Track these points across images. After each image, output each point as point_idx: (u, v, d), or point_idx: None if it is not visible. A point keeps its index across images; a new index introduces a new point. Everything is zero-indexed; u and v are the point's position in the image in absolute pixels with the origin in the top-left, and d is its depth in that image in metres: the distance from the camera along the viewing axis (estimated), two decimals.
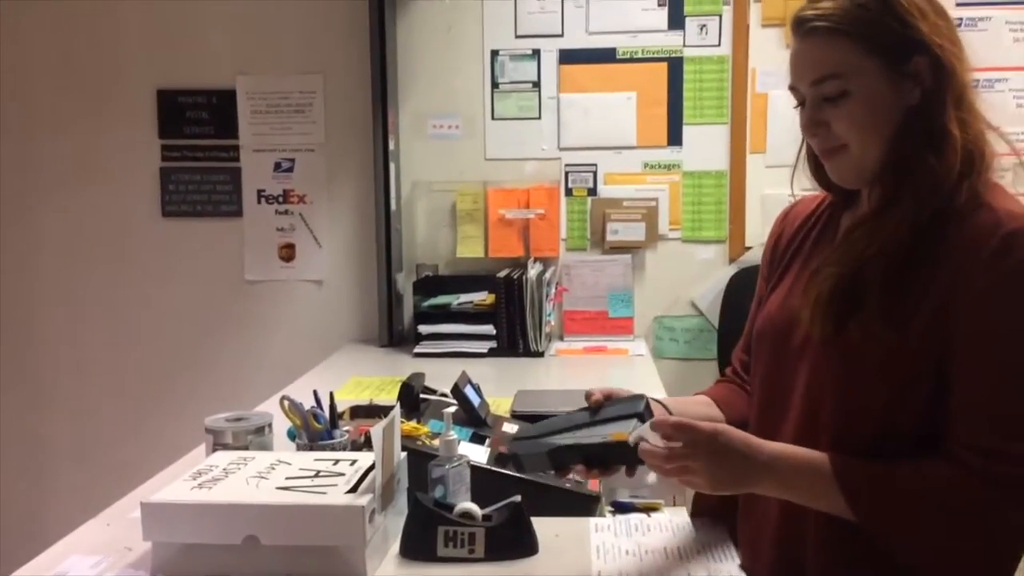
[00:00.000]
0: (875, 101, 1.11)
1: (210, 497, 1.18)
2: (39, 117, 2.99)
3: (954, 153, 1.08)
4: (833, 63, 1.11)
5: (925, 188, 1.08)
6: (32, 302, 3.05)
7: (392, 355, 2.78)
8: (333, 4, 2.90)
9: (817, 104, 1.15)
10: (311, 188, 2.97)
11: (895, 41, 1.10)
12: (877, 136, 1.12)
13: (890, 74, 1.10)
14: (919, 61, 1.10)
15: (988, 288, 1.04)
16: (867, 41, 1.10)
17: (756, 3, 2.83)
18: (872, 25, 1.10)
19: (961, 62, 1.11)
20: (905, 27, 1.09)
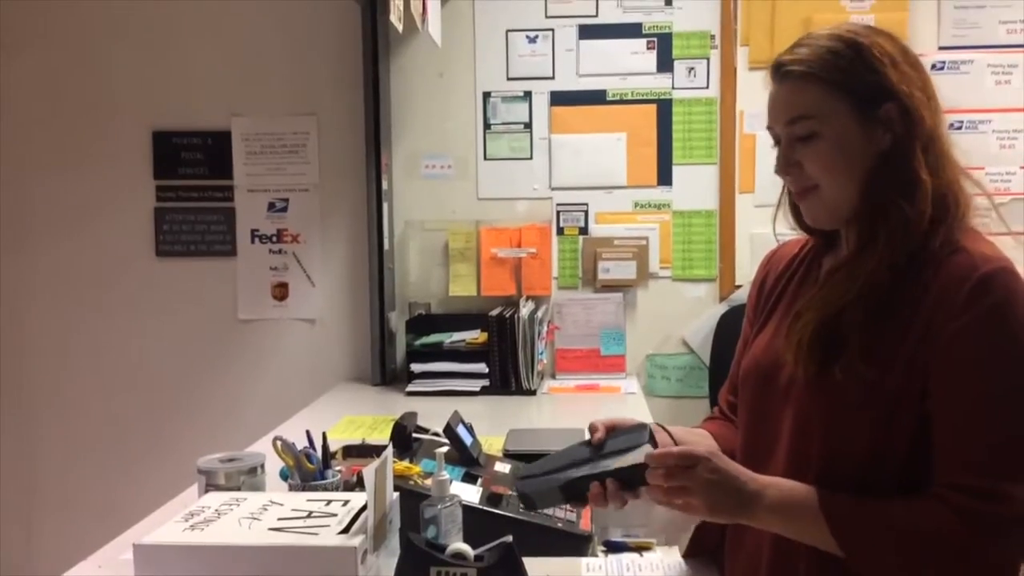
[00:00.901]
0: (844, 143, 1.15)
1: (203, 539, 1.18)
2: (35, 157, 3.01)
3: (925, 198, 1.11)
4: (805, 105, 1.16)
5: (899, 232, 1.12)
6: (25, 341, 3.05)
7: (385, 394, 2.79)
8: (327, 47, 2.95)
9: (791, 144, 1.19)
10: (305, 228, 3.00)
11: (866, 88, 1.14)
12: (847, 177, 1.16)
13: (860, 119, 1.14)
14: (889, 108, 1.14)
15: (963, 329, 1.07)
16: (838, 86, 1.14)
17: (743, 47, 2.89)
18: (844, 71, 1.14)
19: (932, 111, 1.15)
20: (876, 75, 1.13)
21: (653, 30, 2.91)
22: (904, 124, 1.14)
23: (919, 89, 1.14)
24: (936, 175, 1.13)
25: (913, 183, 1.12)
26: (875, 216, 1.14)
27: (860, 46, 1.14)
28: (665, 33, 2.91)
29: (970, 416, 1.07)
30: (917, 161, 1.12)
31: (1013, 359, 1.06)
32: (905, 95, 1.13)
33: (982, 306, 1.06)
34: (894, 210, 1.12)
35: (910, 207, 1.11)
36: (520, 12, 2.92)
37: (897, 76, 1.13)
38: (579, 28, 2.92)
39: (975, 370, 1.07)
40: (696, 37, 2.90)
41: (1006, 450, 1.05)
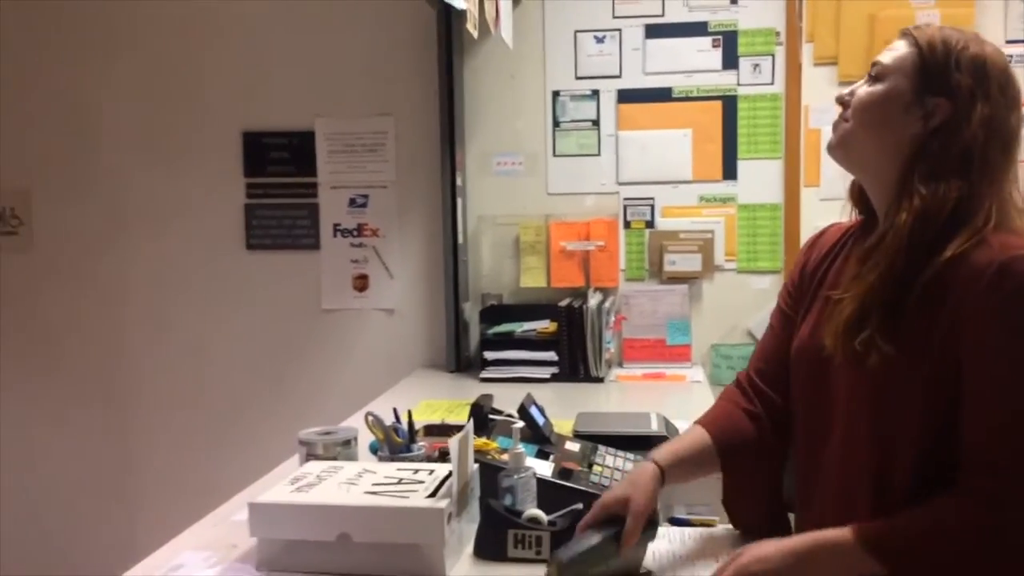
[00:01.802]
0: (889, 100, 1.27)
1: (308, 499, 1.33)
2: (134, 157, 3.23)
3: (941, 201, 1.20)
4: (893, 58, 1.29)
5: (918, 218, 1.21)
6: (124, 330, 3.28)
7: (460, 380, 2.92)
8: (404, 50, 3.10)
9: (867, 79, 1.32)
10: (383, 222, 3.16)
11: (938, 77, 1.24)
12: (871, 128, 1.28)
13: (915, 93, 1.26)
14: (941, 103, 1.24)
15: (986, 317, 1.14)
16: (923, 63, 1.26)
17: (808, 44, 2.94)
18: (936, 55, 1.26)
19: (989, 134, 1.22)
20: (952, 73, 1.23)
21: (718, 28, 2.98)
22: (946, 123, 1.23)
23: (986, 109, 1.22)
24: (971, 180, 1.21)
25: (940, 175, 1.21)
26: (901, 200, 1.23)
27: (965, 52, 1.24)
28: (730, 31, 2.98)
29: (993, 405, 1.13)
30: (950, 159, 1.21)
31: None
32: (963, 104, 1.22)
33: (1003, 292, 1.13)
34: (916, 194, 1.21)
35: (931, 197, 1.20)
36: (588, 13, 3.03)
37: (970, 88, 1.22)
38: (645, 28, 3.01)
39: (999, 357, 1.13)
40: (761, 34, 2.97)
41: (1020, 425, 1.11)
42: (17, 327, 3.29)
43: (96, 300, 3.27)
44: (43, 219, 3.27)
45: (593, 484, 1.59)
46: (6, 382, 3.30)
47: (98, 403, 3.28)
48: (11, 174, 3.25)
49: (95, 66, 3.21)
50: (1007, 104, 1.24)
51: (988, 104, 1.22)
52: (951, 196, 1.20)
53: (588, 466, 1.69)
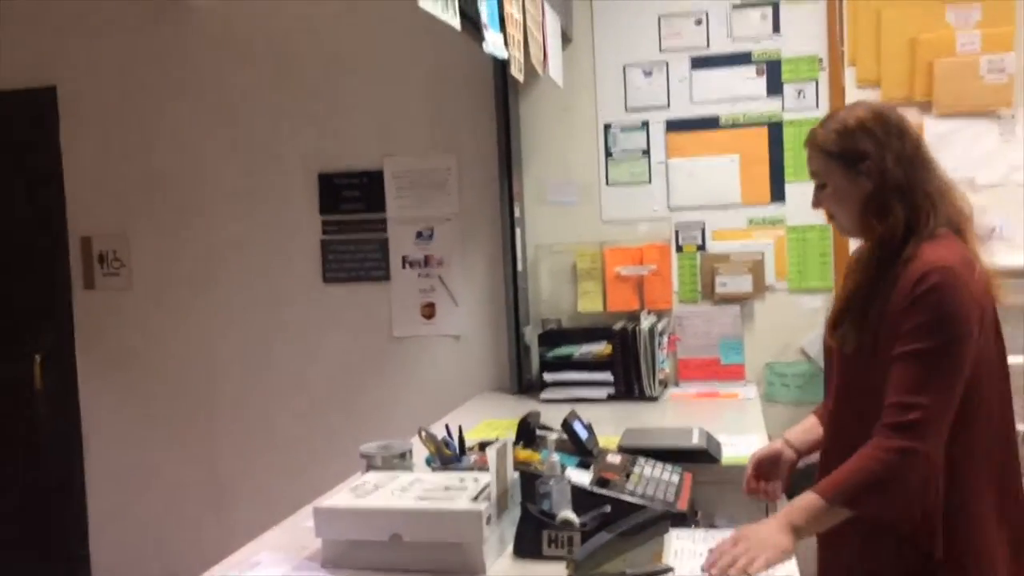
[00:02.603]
0: (841, 191, 1.69)
1: (365, 503, 1.51)
2: (223, 202, 3.51)
3: (896, 222, 1.62)
4: (815, 167, 1.74)
5: (878, 242, 1.65)
6: (214, 359, 3.55)
7: (521, 401, 3.06)
8: (463, 91, 3.30)
9: (815, 189, 1.76)
10: (448, 253, 3.35)
11: (851, 154, 1.65)
12: (848, 210, 1.70)
13: (848, 174, 1.67)
14: (868, 165, 1.64)
15: (905, 308, 1.55)
16: (833, 156, 1.68)
17: (850, 68, 3.02)
18: (838, 146, 1.67)
19: (905, 166, 1.62)
20: (858, 145, 1.65)
21: (762, 57, 3.10)
22: (879, 176, 1.63)
23: (890, 152, 1.63)
24: (909, 206, 1.63)
25: (886, 212, 1.64)
26: (865, 232, 1.69)
27: (849, 129, 1.65)
28: (774, 59, 3.09)
29: (899, 366, 1.53)
30: (889, 199, 1.63)
31: (934, 328, 1.51)
32: (877, 157, 1.63)
33: (919, 292, 1.53)
34: (875, 230, 1.65)
35: (883, 227, 1.63)
36: (636, 48, 3.18)
37: (873, 145, 1.64)
38: (691, 59, 3.14)
39: (909, 337, 1.53)
40: (804, 61, 3.07)
41: (915, 381, 1.50)
42: (120, 359, 3.60)
43: (189, 333, 3.55)
44: (141, 260, 3.58)
45: (628, 492, 1.72)
46: (112, 407, 3.61)
47: (192, 425, 3.56)
48: (112, 220, 3.58)
49: (185, 120, 3.51)
50: (898, 136, 1.65)
51: (889, 148, 1.63)
52: (900, 219, 1.61)
53: (626, 476, 1.82)
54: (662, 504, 1.70)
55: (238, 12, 3.43)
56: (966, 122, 2.95)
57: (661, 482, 1.81)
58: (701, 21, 3.13)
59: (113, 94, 3.55)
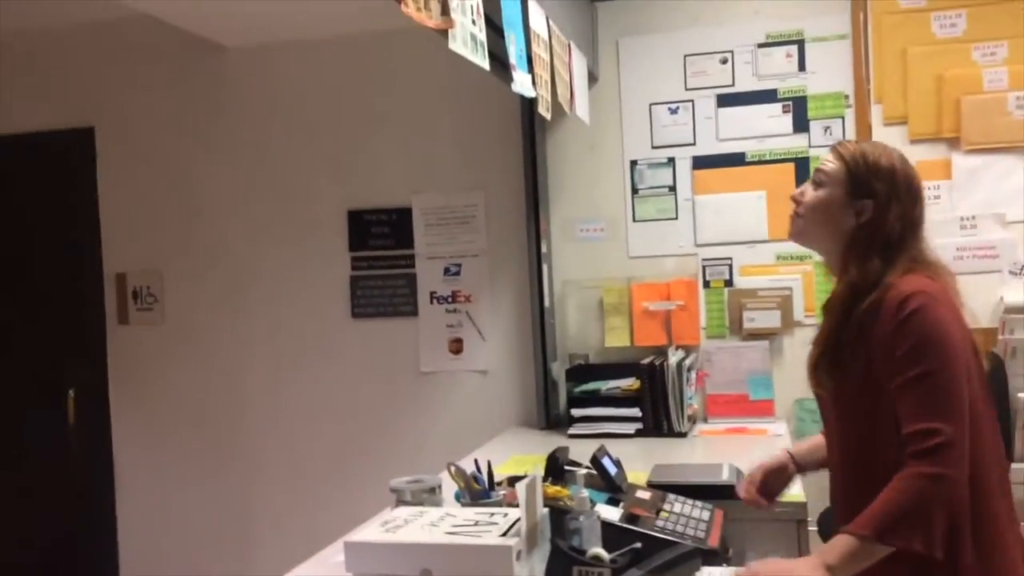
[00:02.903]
0: (830, 202, 1.68)
1: (396, 538, 1.51)
2: (254, 239, 3.58)
3: (867, 275, 1.61)
4: (830, 168, 1.71)
5: (850, 286, 1.63)
6: (245, 394, 3.59)
7: (549, 436, 3.07)
8: (491, 129, 3.35)
9: (812, 182, 1.74)
10: (475, 289, 3.38)
11: (863, 183, 1.66)
12: (821, 225, 1.70)
13: (847, 196, 1.67)
14: (867, 204, 1.64)
15: (892, 333, 1.55)
16: (850, 172, 1.67)
17: (877, 105, 3.03)
18: (859, 168, 1.67)
19: (903, 225, 1.63)
20: (873, 182, 1.65)
21: (788, 94, 3.12)
22: (872, 219, 1.64)
23: (899, 208, 1.64)
24: (887, 261, 1.61)
25: (866, 259, 1.62)
26: (842, 275, 1.68)
27: (880, 167, 1.65)
28: (800, 96, 3.11)
29: (906, 394, 1.53)
30: (873, 248, 1.63)
31: (928, 351, 1.51)
32: (882, 205, 1.64)
33: (903, 316, 1.53)
34: (851, 272, 1.64)
35: (859, 272, 1.62)
36: (661, 86, 3.22)
37: (887, 192, 1.64)
38: (717, 97, 3.17)
39: (905, 364, 1.53)
40: (830, 98, 3.08)
41: (927, 406, 1.50)
42: (153, 393, 3.65)
43: (220, 368, 3.60)
44: (174, 296, 3.64)
45: (658, 528, 1.72)
46: (144, 442, 3.65)
47: (223, 459, 3.59)
48: (146, 257, 3.64)
49: (217, 158, 3.59)
50: (912, 199, 1.66)
51: (900, 203, 1.64)
52: (875, 271, 1.61)
53: (656, 512, 1.81)
54: (693, 540, 1.69)
55: (270, 54, 3.52)
56: (994, 158, 2.95)
57: (691, 519, 1.81)
58: (727, 60, 3.17)
59: (149, 135, 3.64)
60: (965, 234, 2.96)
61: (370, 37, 3.41)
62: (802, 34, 3.11)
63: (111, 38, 3.61)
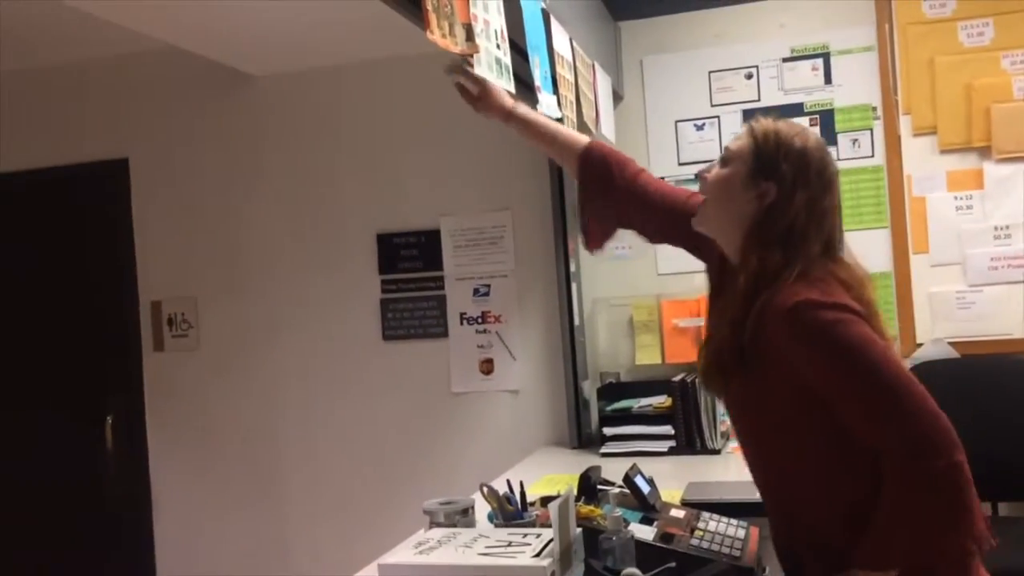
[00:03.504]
0: (730, 180, 1.53)
1: (429, 560, 1.52)
2: (285, 264, 3.62)
3: (765, 267, 1.46)
4: (736, 145, 1.56)
5: (749, 277, 1.48)
6: (279, 417, 3.61)
7: (581, 455, 3.05)
8: (517, 149, 3.34)
9: (717, 162, 1.59)
10: (505, 309, 3.39)
11: (769, 163, 1.50)
12: (722, 207, 1.55)
13: (750, 176, 1.51)
14: (768, 186, 1.49)
15: (798, 343, 1.41)
16: (755, 148, 1.52)
17: (905, 116, 3.01)
18: (768, 146, 1.51)
19: (807, 214, 1.47)
20: (777, 162, 1.49)
21: (815, 108, 3.11)
22: (774, 203, 1.49)
23: (805, 194, 1.48)
24: (787, 254, 1.46)
25: (767, 244, 1.48)
26: (742, 264, 1.51)
27: (792, 148, 1.50)
28: (827, 109, 3.10)
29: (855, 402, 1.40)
30: (776, 233, 1.48)
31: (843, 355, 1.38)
32: (787, 189, 1.48)
33: (797, 331, 1.39)
34: (751, 262, 1.48)
35: (759, 264, 1.47)
36: (687, 103, 3.22)
37: (794, 175, 1.48)
38: (743, 112, 3.16)
39: (832, 369, 1.40)
40: (858, 111, 3.07)
41: (880, 412, 1.36)
42: (188, 418, 3.69)
43: (253, 391, 3.63)
44: (208, 322, 3.68)
45: (693, 547, 1.70)
46: (179, 467, 3.69)
47: (257, 481, 3.61)
48: (181, 284, 3.70)
49: (247, 186, 3.64)
50: (823, 187, 1.50)
51: (808, 189, 1.48)
52: (775, 261, 1.45)
53: (690, 531, 1.80)
54: (728, 559, 1.68)
55: (298, 82, 3.58)
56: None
57: (727, 536, 1.79)
58: (752, 75, 3.17)
59: (182, 164, 3.70)
60: (999, 244, 2.92)
61: (395, 62, 3.45)
62: (827, 47, 3.10)
63: (142, 70, 3.69)
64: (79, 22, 2.98)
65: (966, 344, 2.96)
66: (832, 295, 1.41)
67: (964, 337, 2.96)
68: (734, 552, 1.72)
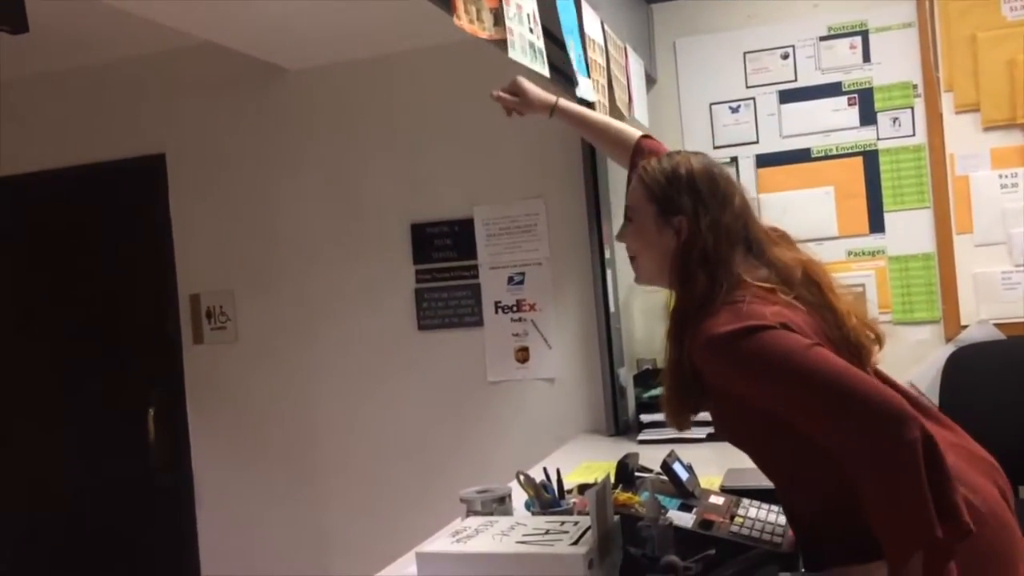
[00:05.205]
0: (645, 231, 1.58)
1: (467, 548, 1.52)
2: (320, 255, 3.63)
3: (692, 294, 1.48)
4: (632, 198, 1.63)
5: (678, 309, 1.53)
6: (316, 408, 3.64)
7: (619, 443, 3.04)
8: (549, 137, 3.33)
9: (624, 222, 1.65)
10: (540, 297, 3.37)
11: (665, 202, 1.55)
12: (649, 256, 1.60)
13: (659, 222, 1.56)
14: (679, 220, 1.53)
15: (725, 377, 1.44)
16: (650, 194, 1.57)
17: (947, 93, 2.94)
18: (656, 185, 1.57)
19: (715, 232, 1.50)
20: (673, 196, 1.54)
21: (853, 87, 3.04)
22: (689, 237, 1.52)
23: (708, 216, 1.51)
24: (710, 278, 1.48)
25: (690, 275, 1.50)
26: (674, 290, 1.56)
27: (678, 177, 1.55)
28: (866, 88, 3.03)
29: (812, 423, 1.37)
30: (692, 264, 1.50)
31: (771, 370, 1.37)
32: (692, 217, 1.52)
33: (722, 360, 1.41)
34: (679, 294, 1.54)
35: (683, 290, 1.52)
36: (721, 85, 3.17)
37: (692, 202, 1.53)
38: (779, 93, 3.12)
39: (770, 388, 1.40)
40: (898, 88, 3.00)
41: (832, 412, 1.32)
42: (227, 410, 3.73)
43: (291, 382, 3.66)
44: (246, 314, 3.72)
45: (732, 534, 1.68)
46: (220, 457, 3.74)
47: (296, 471, 3.64)
48: (218, 278, 3.74)
49: (282, 178, 3.66)
50: (720, 203, 1.53)
51: (708, 211, 1.52)
52: (700, 289, 1.47)
53: (730, 518, 1.78)
54: (769, 546, 1.65)
55: (331, 74, 3.58)
56: None
57: (767, 523, 1.76)
58: (788, 55, 3.11)
59: (218, 159, 3.74)
60: None
61: (428, 52, 3.45)
62: (866, 24, 3.04)
63: (177, 67, 3.72)
64: (116, 21, 3.01)
65: (1012, 326, 2.88)
66: (740, 317, 1.40)
67: (1010, 318, 2.89)
68: (775, 539, 1.69)
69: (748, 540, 1.66)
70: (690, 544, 1.61)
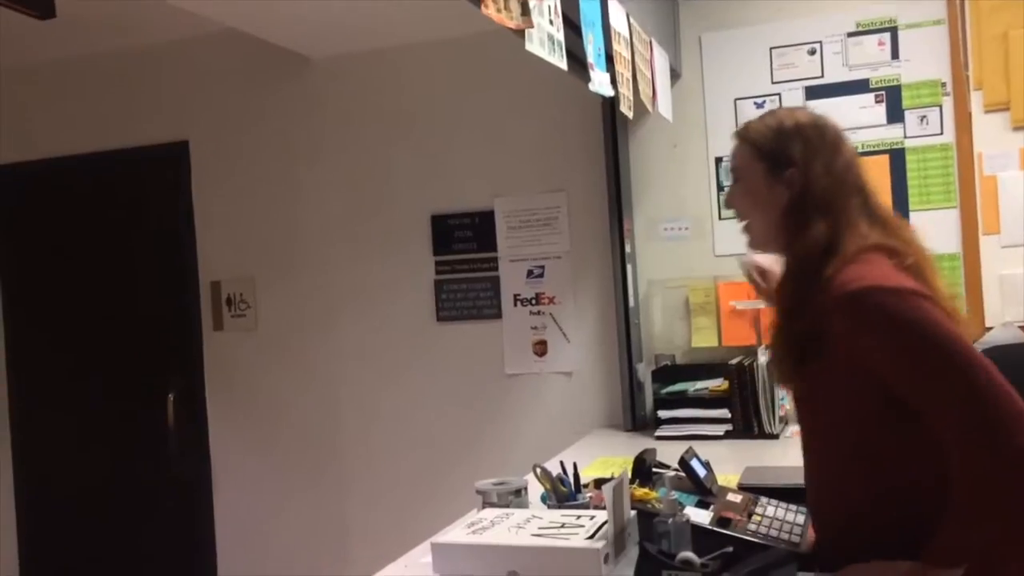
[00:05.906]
0: (756, 190, 1.55)
1: (482, 540, 1.52)
2: (340, 245, 3.64)
3: (815, 240, 1.44)
4: (739, 160, 1.59)
5: (795, 260, 1.49)
6: (335, 398, 3.65)
7: (635, 438, 3.03)
8: (572, 130, 3.33)
9: (731, 185, 1.63)
10: (559, 290, 3.36)
11: (776, 155, 1.52)
12: (761, 217, 1.56)
13: (769, 178, 1.53)
14: (791, 172, 1.50)
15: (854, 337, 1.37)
16: (758, 151, 1.55)
17: (976, 91, 2.90)
18: (764, 141, 1.54)
19: (832, 181, 1.47)
20: (784, 148, 1.51)
21: (880, 84, 3.01)
22: (802, 185, 1.49)
23: (823, 162, 1.48)
24: (831, 224, 1.45)
25: (805, 226, 1.46)
26: (780, 245, 1.54)
27: (785, 130, 1.52)
28: (893, 86, 2.99)
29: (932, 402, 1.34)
30: (809, 212, 1.47)
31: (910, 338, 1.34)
32: (804, 166, 1.49)
33: (861, 317, 1.35)
34: (793, 247, 1.49)
35: (800, 243, 1.47)
36: (747, 81, 3.14)
37: (803, 151, 1.50)
38: (805, 90, 3.08)
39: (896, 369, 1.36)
40: (926, 86, 2.96)
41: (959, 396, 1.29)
42: (246, 396, 3.75)
43: (310, 372, 3.68)
44: (266, 302, 3.73)
45: (750, 532, 1.67)
46: (238, 443, 3.76)
47: (314, 460, 3.66)
48: (239, 265, 3.75)
49: (304, 167, 3.67)
50: (831, 149, 1.50)
51: (819, 155, 1.49)
52: (820, 233, 1.44)
53: (748, 516, 1.77)
54: (787, 545, 1.64)
55: (353, 64, 3.59)
56: None
57: (785, 522, 1.75)
58: (815, 51, 3.08)
59: (241, 147, 3.75)
60: None
61: (451, 44, 3.44)
62: (895, 21, 3.00)
63: (201, 54, 3.74)
64: (142, 8, 3.03)
65: None
66: (892, 278, 1.37)
67: None
68: (793, 538, 1.68)
69: (766, 539, 1.65)
70: (707, 541, 1.60)
